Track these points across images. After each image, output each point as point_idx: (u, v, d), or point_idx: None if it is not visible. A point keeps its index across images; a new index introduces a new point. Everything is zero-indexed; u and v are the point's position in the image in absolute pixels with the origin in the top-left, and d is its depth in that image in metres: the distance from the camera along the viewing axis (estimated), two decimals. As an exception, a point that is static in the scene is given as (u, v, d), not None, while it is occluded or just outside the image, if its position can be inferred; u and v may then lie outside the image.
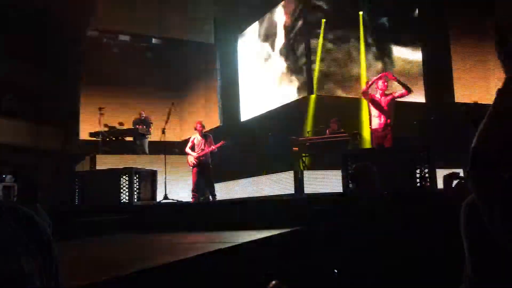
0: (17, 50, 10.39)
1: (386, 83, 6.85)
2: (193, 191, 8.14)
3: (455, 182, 3.98)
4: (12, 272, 0.83)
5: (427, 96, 11.10)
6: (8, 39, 10.19)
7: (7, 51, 10.30)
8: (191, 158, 8.10)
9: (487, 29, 10.17)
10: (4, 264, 0.83)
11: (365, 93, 6.85)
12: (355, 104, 10.57)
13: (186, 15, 12.37)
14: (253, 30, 12.64)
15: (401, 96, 6.81)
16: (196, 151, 8.10)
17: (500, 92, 1.08)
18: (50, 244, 0.95)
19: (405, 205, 4.20)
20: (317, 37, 10.57)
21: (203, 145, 8.09)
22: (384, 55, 11.07)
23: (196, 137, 8.18)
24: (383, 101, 6.77)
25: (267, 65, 11.98)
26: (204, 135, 8.22)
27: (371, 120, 7.02)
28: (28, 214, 0.93)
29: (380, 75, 7.05)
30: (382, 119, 6.68)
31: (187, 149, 8.18)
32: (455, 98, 10.87)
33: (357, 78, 10.71)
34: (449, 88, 10.92)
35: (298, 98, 10.88)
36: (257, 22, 12.41)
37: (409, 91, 6.76)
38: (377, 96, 6.78)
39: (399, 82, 6.90)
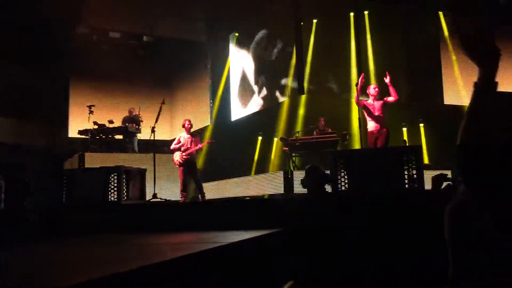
0: (3, 46, 10.26)
1: (377, 89, 7.11)
2: (181, 190, 8.09)
3: (444, 183, 4.02)
4: None
5: (414, 97, 11.18)
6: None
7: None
8: (177, 156, 8.04)
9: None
10: None
11: (359, 103, 7.10)
12: (345, 104, 10.61)
13: (178, 13, 12.31)
14: (245, 30, 12.63)
15: (392, 101, 7.09)
16: (182, 149, 8.04)
17: (476, 87, 1.13)
18: None
19: (391, 206, 4.23)
20: (309, 37, 10.60)
21: (189, 143, 8.05)
22: (374, 55, 11.12)
23: (183, 135, 8.12)
24: (376, 105, 7.02)
25: (258, 64, 11.98)
26: (192, 133, 8.19)
27: (366, 123, 7.22)
28: None
29: (360, 82, 7.13)
30: (377, 122, 6.95)
31: (173, 147, 8.14)
32: (444, 100, 10.98)
33: (348, 79, 10.75)
34: (438, 90, 11.02)
35: (288, 98, 10.89)
36: (249, 22, 12.39)
37: (396, 96, 7.06)
38: (370, 101, 7.05)
39: (391, 86, 7.10)
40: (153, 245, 3.67)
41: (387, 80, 7.09)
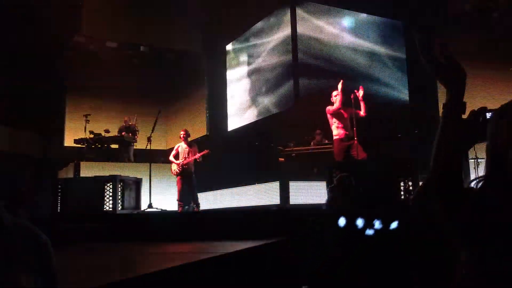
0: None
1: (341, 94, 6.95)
2: (178, 200, 8.10)
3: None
4: (8, 284, 0.82)
5: (411, 109, 11.26)
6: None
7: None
8: (175, 166, 8.09)
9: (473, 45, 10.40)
10: (1, 277, 0.82)
11: (340, 108, 6.96)
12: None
13: (174, 24, 12.37)
14: (241, 40, 12.70)
15: (361, 116, 6.92)
16: (180, 159, 8.08)
17: (444, 109, 1.18)
18: (50, 262, 0.94)
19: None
20: (304, 48, 10.65)
21: (186, 153, 8.09)
22: (369, 67, 11.19)
23: (181, 145, 8.19)
24: (345, 111, 6.91)
25: (255, 75, 12.02)
26: (189, 144, 8.23)
27: (332, 130, 7.10)
28: (35, 233, 0.93)
29: (340, 88, 7.06)
30: (346, 128, 6.82)
31: (171, 157, 8.18)
32: (440, 112, 11.03)
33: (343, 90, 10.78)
34: (434, 102, 11.07)
35: (285, 108, 10.91)
36: (245, 33, 12.47)
37: (365, 113, 6.93)
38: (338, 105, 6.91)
39: (362, 101, 6.98)
40: (149, 255, 3.65)
41: (359, 94, 6.90)
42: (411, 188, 4.95)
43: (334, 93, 7.07)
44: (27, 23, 10.45)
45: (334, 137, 7.02)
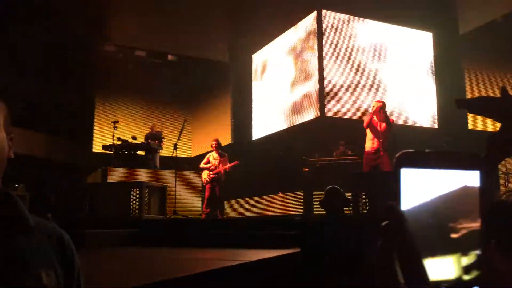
0: (33, 63, 10.61)
1: (382, 110, 6.74)
2: (205, 207, 8.19)
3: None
4: (30, 282, 0.87)
5: (439, 121, 11.10)
6: (24, 53, 10.42)
7: (23, 64, 10.52)
8: (205, 174, 8.21)
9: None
10: (23, 274, 0.87)
11: (367, 126, 6.82)
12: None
13: (201, 34, 12.57)
14: (267, 50, 12.78)
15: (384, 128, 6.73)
16: (210, 168, 8.21)
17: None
18: (73, 259, 0.99)
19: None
20: (330, 58, 10.64)
21: (217, 163, 8.20)
22: (395, 77, 11.09)
23: (212, 155, 8.31)
24: (379, 125, 6.70)
25: (280, 85, 12.07)
26: (220, 153, 8.31)
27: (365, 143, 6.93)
28: (57, 231, 0.99)
29: (375, 109, 6.86)
30: (376, 143, 6.63)
31: (202, 165, 8.31)
32: (468, 125, 10.85)
33: (371, 101, 10.72)
34: (462, 114, 10.88)
35: (309, 118, 10.90)
36: (271, 42, 12.55)
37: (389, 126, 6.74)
38: (374, 119, 6.76)
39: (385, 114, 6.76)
40: (174, 260, 3.70)
41: (378, 107, 6.67)
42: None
43: (375, 104, 6.88)
44: (58, 33, 10.79)
45: (365, 149, 6.87)
